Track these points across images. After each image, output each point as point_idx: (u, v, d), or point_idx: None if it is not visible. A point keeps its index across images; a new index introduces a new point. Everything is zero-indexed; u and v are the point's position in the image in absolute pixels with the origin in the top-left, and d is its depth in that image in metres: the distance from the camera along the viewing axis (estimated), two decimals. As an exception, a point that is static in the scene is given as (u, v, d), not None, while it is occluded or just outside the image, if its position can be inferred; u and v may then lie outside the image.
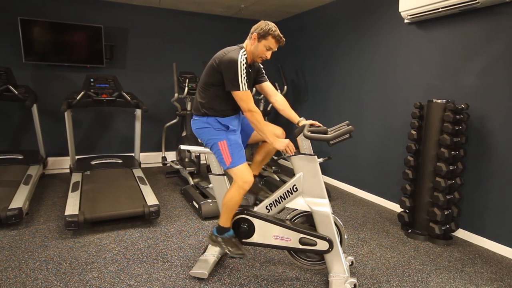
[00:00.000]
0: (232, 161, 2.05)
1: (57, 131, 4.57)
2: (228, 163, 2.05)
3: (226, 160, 2.06)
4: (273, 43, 2.05)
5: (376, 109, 3.81)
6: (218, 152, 2.08)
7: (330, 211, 2.04)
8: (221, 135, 2.08)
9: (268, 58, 2.11)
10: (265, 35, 2.02)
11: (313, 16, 4.78)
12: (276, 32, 2.03)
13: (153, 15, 4.93)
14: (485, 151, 2.78)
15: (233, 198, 2.06)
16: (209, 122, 2.11)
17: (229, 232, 2.14)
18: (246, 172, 2.06)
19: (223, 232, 2.14)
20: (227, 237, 2.13)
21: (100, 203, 2.99)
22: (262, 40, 2.03)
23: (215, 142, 2.08)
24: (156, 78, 5.08)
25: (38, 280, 2.11)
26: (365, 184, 4.03)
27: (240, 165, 2.05)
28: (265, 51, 2.06)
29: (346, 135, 1.95)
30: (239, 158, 2.06)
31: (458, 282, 2.26)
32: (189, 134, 4.30)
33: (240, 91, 1.99)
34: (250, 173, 2.08)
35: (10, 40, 4.24)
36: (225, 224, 2.13)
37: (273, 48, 2.07)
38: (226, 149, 2.06)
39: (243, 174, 2.05)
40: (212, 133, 2.10)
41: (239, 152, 2.07)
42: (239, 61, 1.96)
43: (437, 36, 3.10)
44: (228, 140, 2.07)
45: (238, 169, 2.05)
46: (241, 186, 2.04)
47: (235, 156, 2.05)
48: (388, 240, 2.86)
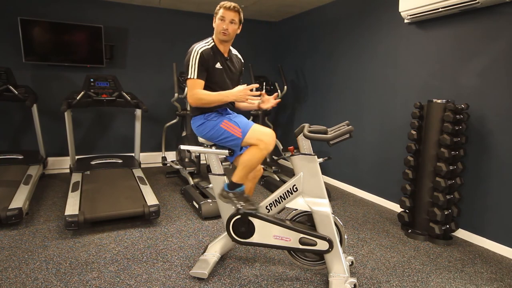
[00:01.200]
0: (242, 129, 2.00)
1: (57, 131, 4.57)
2: (240, 134, 1.99)
3: (236, 133, 2.00)
4: (223, 12, 2.07)
5: (376, 109, 3.81)
6: (226, 133, 2.03)
7: (330, 211, 2.04)
8: (220, 119, 2.09)
9: (228, 28, 2.07)
10: (217, 12, 2.10)
11: (313, 16, 4.78)
12: (225, 2, 2.08)
13: (153, 15, 4.93)
14: (485, 151, 2.78)
15: (254, 157, 1.98)
16: (207, 117, 2.12)
17: (241, 188, 2.09)
18: (264, 131, 1.99)
19: (235, 188, 2.09)
20: (239, 192, 2.08)
21: (100, 203, 2.99)
22: (216, 16, 2.11)
23: (217, 128, 2.06)
24: (156, 78, 5.07)
25: (38, 280, 2.11)
26: (365, 184, 4.03)
27: (251, 127, 2.01)
28: (221, 23, 2.07)
29: (346, 135, 1.95)
30: (246, 123, 2.03)
31: (458, 282, 2.26)
32: (189, 134, 4.29)
33: (188, 77, 2.02)
34: (268, 131, 2.00)
35: (10, 40, 4.24)
36: (239, 180, 2.07)
37: (227, 16, 2.06)
38: (231, 125, 2.03)
39: (259, 134, 1.97)
40: (212, 124, 2.09)
41: (243, 119, 2.07)
42: (195, 50, 2.04)
43: (437, 36, 3.10)
44: (228, 118, 2.08)
45: (252, 131, 1.98)
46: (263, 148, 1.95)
47: (241, 124, 2.03)
48: (388, 240, 2.86)
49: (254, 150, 1.99)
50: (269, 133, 2.00)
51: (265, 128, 2.05)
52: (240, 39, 2.20)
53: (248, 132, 2.00)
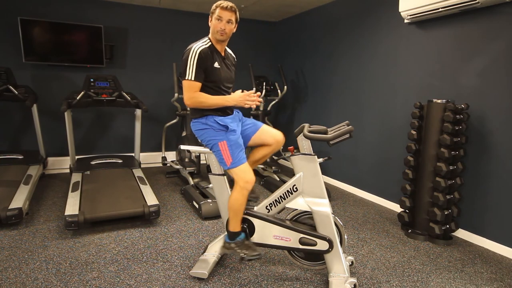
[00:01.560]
0: (233, 161, 2.04)
1: (57, 131, 4.57)
2: (228, 164, 2.05)
3: (226, 160, 2.05)
4: (220, 11, 2.06)
5: (376, 109, 3.81)
6: (219, 152, 2.07)
7: (330, 211, 2.04)
8: (221, 136, 2.07)
9: (225, 28, 2.07)
10: (212, 11, 2.09)
11: (313, 16, 4.78)
12: (222, 2, 2.08)
13: (153, 15, 4.93)
14: (485, 151, 2.78)
15: (238, 200, 2.05)
16: (208, 123, 2.10)
17: (241, 236, 2.12)
18: (248, 172, 2.06)
19: (235, 237, 2.12)
20: (240, 241, 2.11)
21: (100, 203, 2.99)
22: (212, 16, 2.10)
23: (215, 143, 2.07)
24: (156, 78, 5.07)
25: (38, 280, 2.11)
26: (365, 184, 4.03)
27: (240, 165, 2.05)
28: (218, 23, 2.07)
29: (346, 135, 1.95)
30: (239, 159, 2.05)
31: (458, 282, 2.26)
32: (189, 134, 4.29)
33: (185, 79, 2.02)
34: (251, 173, 2.07)
35: (10, 40, 4.24)
36: (235, 228, 2.12)
37: (224, 16, 2.06)
38: (226, 150, 2.05)
39: (244, 174, 2.04)
40: (212, 134, 2.09)
41: (239, 152, 2.07)
42: (192, 50, 2.02)
43: (437, 36, 3.10)
44: (228, 140, 2.06)
45: (239, 169, 2.05)
46: (243, 186, 2.03)
47: (235, 157, 2.05)
48: (388, 240, 2.86)
49: (235, 192, 2.06)
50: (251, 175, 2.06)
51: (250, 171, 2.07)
52: (240, 39, 2.21)
53: (236, 167, 2.05)
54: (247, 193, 2.07)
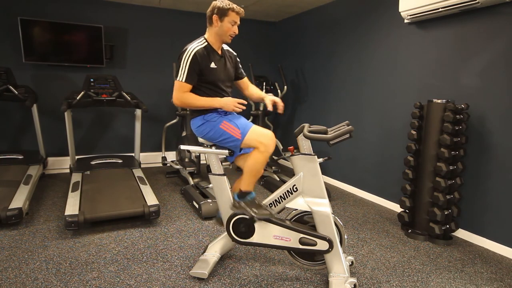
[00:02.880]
0: (242, 130, 2.01)
1: (57, 131, 4.57)
2: (240, 136, 2.00)
3: (236, 134, 2.00)
4: (235, 16, 2.06)
5: (376, 109, 3.81)
6: (225, 134, 2.04)
7: (330, 211, 2.04)
8: (219, 120, 2.08)
9: (236, 33, 2.10)
10: (225, 12, 2.04)
11: (313, 16, 4.78)
12: (234, 5, 2.06)
13: (153, 15, 4.93)
14: (485, 151, 2.78)
15: (258, 162, 1.99)
16: (206, 118, 2.11)
17: (251, 195, 2.09)
18: (264, 133, 2.00)
19: (245, 196, 2.09)
20: (250, 200, 2.08)
21: (100, 203, 2.99)
22: (225, 18, 2.05)
23: (217, 128, 2.06)
24: (156, 78, 5.07)
25: (38, 280, 2.11)
26: (365, 184, 4.03)
27: (251, 128, 2.01)
28: (231, 27, 2.07)
29: (346, 135, 1.95)
30: (245, 124, 2.03)
31: (458, 282, 2.26)
32: (189, 134, 4.29)
33: (177, 79, 2.02)
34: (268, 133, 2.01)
35: (10, 40, 4.24)
36: (248, 188, 2.07)
37: (237, 21, 2.08)
38: (229, 125, 2.03)
39: (260, 136, 1.98)
40: (211, 124, 2.09)
41: (242, 120, 2.06)
42: (187, 51, 2.01)
43: (437, 36, 3.10)
44: (227, 119, 2.07)
45: (252, 133, 1.99)
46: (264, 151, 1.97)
47: (241, 125, 2.02)
48: (388, 240, 2.86)
49: (256, 154, 2.00)
50: (269, 135, 2.01)
51: (264, 129, 2.05)
52: (240, 39, 2.20)
53: (247, 133, 2.00)
54: (269, 155, 2.00)
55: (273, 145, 2.01)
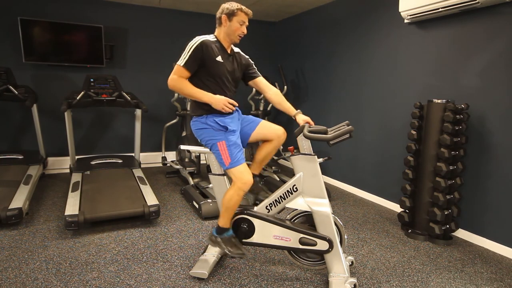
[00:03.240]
0: (231, 161, 2.05)
1: (57, 131, 4.57)
2: (227, 164, 2.06)
3: (225, 160, 2.06)
4: (244, 16, 2.09)
5: (376, 109, 3.81)
6: (218, 152, 2.08)
7: (330, 211, 2.04)
8: (220, 136, 2.08)
9: (245, 32, 2.13)
10: (233, 13, 2.08)
11: (313, 16, 4.78)
12: (242, 6, 2.10)
13: (153, 15, 4.93)
14: (485, 151, 2.78)
15: (232, 198, 2.06)
16: (208, 122, 2.10)
17: (228, 232, 2.14)
18: (245, 173, 2.06)
19: (222, 233, 2.14)
20: (227, 237, 2.13)
21: (100, 203, 2.99)
22: (233, 18, 2.08)
23: (214, 143, 2.08)
24: (156, 78, 5.07)
25: (38, 280, 2.11)
26: (365, 184, 4.03)
27: (239, 165, 2.06)
28: (239, 27, 2.10)
29: (346, 135, 1.95)
30: (238, 159, 2.06)
31: (458, 282, 2.26)
32: (189, 134, 4.29)
33: (176, 63, 2.03)
34: (249, 174, 2.08)
35: (10, 40, 4.24)
36: (225, 224, 2.13)
37: (245, 21, 2.11)
38: (225, 150, 2.06)
39: (242, 175, 2.05)
40: (211, 134, 2.09)
41: (238, 152, 2.07)
42: (195, 39, 2.05)
43: (437, 36, 3.10)
44: (227, 140, 2.07)
45: (237, 169, 2.05)
46: (240, 187, 2.04)
47: (234, 157, 2.05)
48: (388, 240, 2.86)
49: (231, 191, 2.08)
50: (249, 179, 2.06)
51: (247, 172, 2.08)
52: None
53: (234, 167, 2.06)
54: (243, 193, 2.08)
55: (249, 186, 2.08)
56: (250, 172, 2.12)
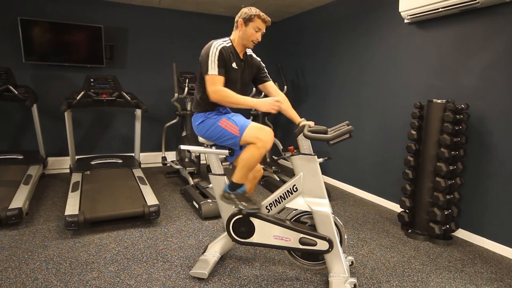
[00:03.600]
0: (240, 128, 2.00)
1: (57, 131, 4.58)
2: (238, 132, 1.99)
3: (234, 131, 2.00)
4: (260, 23, 2.08)
5: (376, 109, 3.81)
6: (224, 131, 2.03)
7: (330, 211, 2.04)
8: (219, 117, 2.09)
9: (259, 39, 2.12)
10: (250, 18, 2.06)
11: (313, 16, 4.78)
12: (261, 13, 2.07)
13: (153, 15, 4.93)
14: (485, 151, 2.78)
15: (253, 157, 1.97)
16: (207, 115, 2.12)
17: (242, 188, 2.09)
18: (260, 128, 1.98)
19: (236, 188, 2.08)
20: (241, 193, 2.08)
21: (100, 203, 2.99)
22: (249, 23, 2.07)
23: (216, 126, 2.06)
24: (156, 78, 5.08)
25: (38, 280, 2.11)
26: (365, 184, 4.03)
27: (249, 124, 2.00)
28: (254, 33, 2.09)
29: (346, 135, 1.95)
30: (244, 121, 2.03)
31: (458, 282, 2.26)
32: (189, 134, 4.29)
33: (208, 74, 1.99)
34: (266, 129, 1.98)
35: (10, 40, 4.24)
36: (239, 180, 2.06)
37: (261, 29, 2.09)
38: (228, 123, 2.04)
39: (257, 132, 1.96)
40: (211, 122, 2.09)
41: (241, 118, 2.06)
42: (213, 47, 2.01)
43: (437, 36, 3.11)
44: (226, 117, 2.08)
45: (249, 129, 1.97)
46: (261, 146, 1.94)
47: (240, 122, 2.02)
48: (388, 240, 2.86)
49: (252, 148, 1.97)
50: (267, 131, 1.99)
51: (262, 126, 2.04)
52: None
53: (245, 130, 1.99)
54: (265, 152, 1.98)
55: (271, 142, 1.99)
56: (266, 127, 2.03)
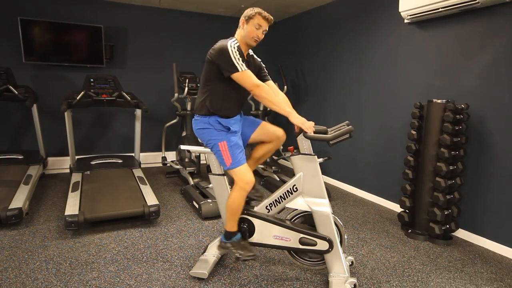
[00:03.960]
0: (232, 162, 2.05)
1: (57, 131, 4.58)
2: (228, 164, 2.06)
3: (226, 161, 2.06)
4: (261, 20, 2.07)
5: (376, 109, 3.81)
6: (219, 153, 2.08)
7: (330, 211, 2.04)
8: (221, 136, 2.08)
9: (261, 37, 2.11)
10: (251, 16, 2.07)
11: (313, 16, 4.78)
12: (262, 11, 2.07)
13: (153, 15, 4.93)
14: (485, 151, 2.78)
15: (236, 200, 2.06)
16: (211, 122, 2.10)
17: (237, 236, 2.13)
18: (247, 173, 2.06)
19: (231, 237, 2.13)
20: (236, 241, 2.12)
21: (100, 203, 2.99)
22: (250, 21, 2.07)
23: (215, 143, 2.08)
24: (156, 78, 5.08)
25: (38, 280, 2.11)
26: (365, 184, 4.03)
27: (240, 166, 2.05)
28: (255, 30, 2.08)
29: (346, 135, 1.95)
30: (239, 160, 2.06)
31: (458, 282, 2.26)
32: (189, 134, 4.29)
33: (239, 72, 1.99)
34: (250, 174, 2.08)
35: (10, 40, 4.24)
36: (232, 228, 2.13)
37: (263, 26, 2.08)
38: (226, 150, 2.05)
39: (243, 175, 2.05)
40: (213, 134, 2.09)
41: (239, 153, 2.07)
42: (229, 46, 2.00)
43: (437, 36, 3.10)
44: (228, 141, 2.07)
45: (238, 170, 2.05)
46: (242, 187, 2.04)
47: (235, 157, 2.05)
48: (388, 240, 2.86)
49: (234, 193, 2.07)
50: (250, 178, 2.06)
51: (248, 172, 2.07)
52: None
53: (236, 168, 2.05)
54: (246, 194, 2.07)
55: (250, 187, 2.07)
56: (251, 172, 2.12)
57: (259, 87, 1.99)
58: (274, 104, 2.01)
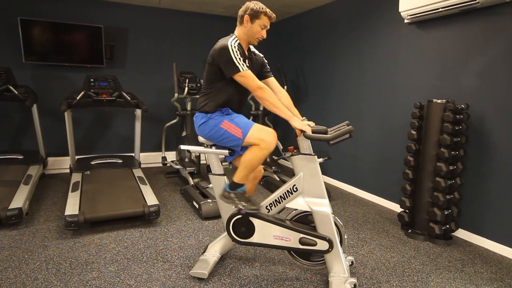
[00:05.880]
0: (243, 130, 1.99)
1: (57, 131, 4.58)
2: (240, 134, 1.99)
3: (236, 133, 1.99)
4: (266, 21, 2.06)
5: (376, 109, 3.81)
6: (226, 133, 2.02)
7: (330, 211, 2.04)
8: (220, 118, 2.07)
9: (264, 37, 2.11)
10: (257, 15, 2.03)
11: (313, 16, 4.78)
12: (267, 9, 2.06)
13: (153, 15, 4.93)
14: (485, 151, 2.78)
15: (256, 158, 1.97)
16: (210, 116, 2.09)
17: (242, 188, 2.07)
18: (264, 130, 1.98)
19: (236, 188, 2.07)
20: (240, 193, 2.07)
21: (100, 203, 2.99)
22: (256, 20, 2.04)
23: (218, 127, 2.05)
24: (156, 78, 5.08)
25: (38, 280, 2.11)
26: (365, 184, 4.03)
27: (252, 127, 1.99)
28: (260, 31, 2.07)
29: (346, 135, 1.95)
30: (247, 123, 2.02)
31: (458, 282, 2.26)
32: (189, 134, 4.29)
33: (240, 72, 1.97)
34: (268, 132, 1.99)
35: (10, 40, 4.24)
36: (240, 180, 2.05)
37: (267, 26, 2.08)
38: (231, 125, 2.02)
39: (260, 133, 1.97)
40: (213, 122, 2.07)
41: (243, 119, 2.05)
42: (230, 45, 1.97)
43: (437, 36, 3.11)
44: (228, 119, 2.06)
45: (253, 131, 1.97)
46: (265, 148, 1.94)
47: (242, 124, 2.01)
48: (388, 240, 2.86)
49: (255, 150, 1.98)
50: (271, 132, 2.00)
51: (265, 127, 2.04)
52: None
53: (248, 132, 1.99)
54: (268, 153, 1.98)
55: (275, 143, 1.99)
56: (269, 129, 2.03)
57: (262, 89, 1.98)
58: (275, 107, 1.99)
